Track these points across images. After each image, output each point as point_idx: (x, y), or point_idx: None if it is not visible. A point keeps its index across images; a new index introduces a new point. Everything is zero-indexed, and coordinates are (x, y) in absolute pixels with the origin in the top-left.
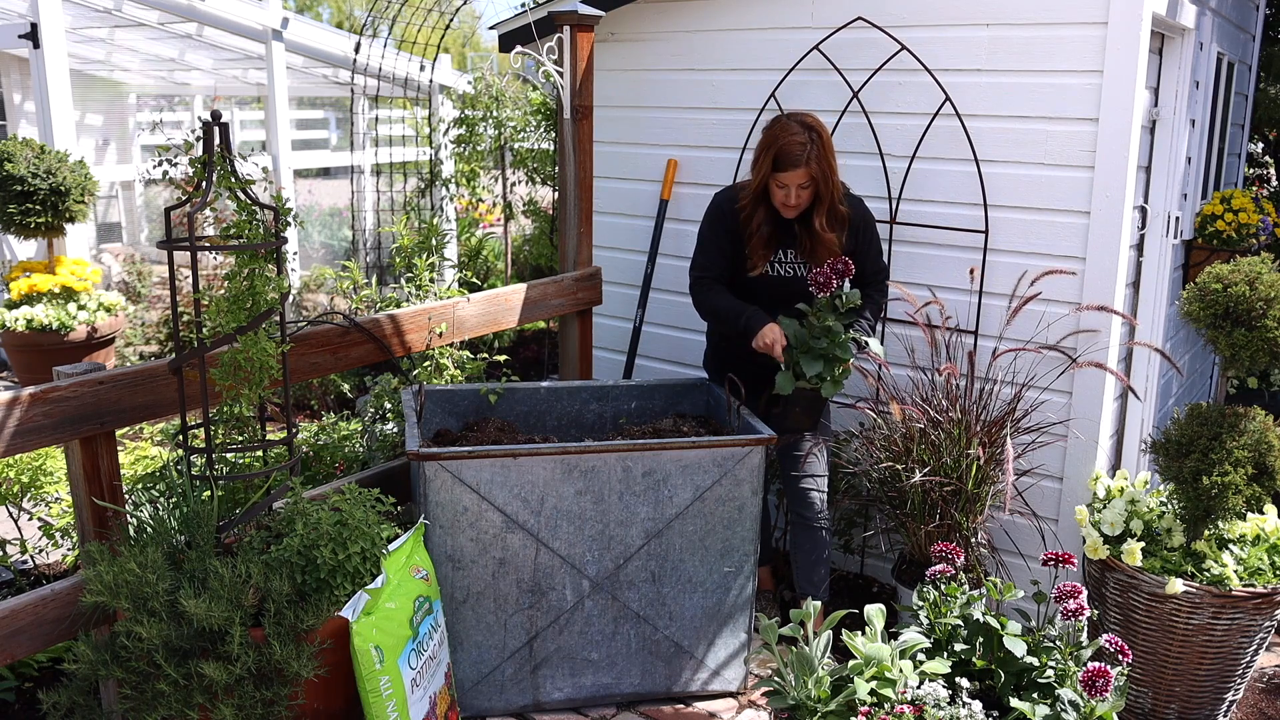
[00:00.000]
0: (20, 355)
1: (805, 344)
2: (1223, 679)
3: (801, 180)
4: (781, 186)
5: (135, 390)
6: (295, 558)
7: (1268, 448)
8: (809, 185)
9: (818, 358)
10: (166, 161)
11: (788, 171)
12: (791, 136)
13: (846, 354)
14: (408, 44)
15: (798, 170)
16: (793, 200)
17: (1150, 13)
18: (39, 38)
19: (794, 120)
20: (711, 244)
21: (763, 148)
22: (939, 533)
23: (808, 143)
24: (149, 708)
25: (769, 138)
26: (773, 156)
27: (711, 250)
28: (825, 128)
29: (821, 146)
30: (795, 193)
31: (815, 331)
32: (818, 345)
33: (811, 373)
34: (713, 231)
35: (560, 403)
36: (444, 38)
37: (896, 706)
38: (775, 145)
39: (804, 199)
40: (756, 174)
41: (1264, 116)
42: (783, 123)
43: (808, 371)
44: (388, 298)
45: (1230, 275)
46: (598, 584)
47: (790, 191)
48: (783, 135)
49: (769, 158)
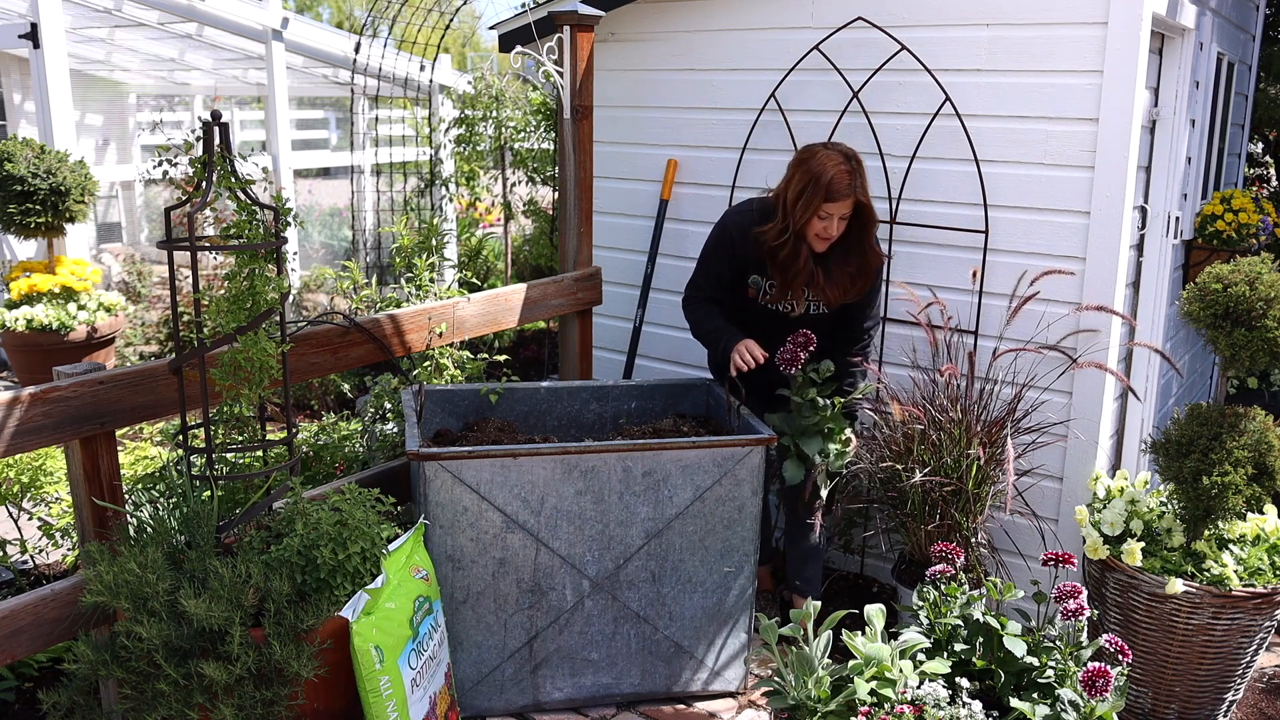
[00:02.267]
0: (20, 355)
1: (798, 426)
2: (1223, 679)
3: (846, 211)
4: (824, 218)
5: (135, 390)
6: (295, 558)
7: (1268, 448)
8: (849, 214)
9: (814, 435)
10: (166, 161)
11: (835, 203)
12: (838, 167)
13: (840, 423)
14: (408, 44)
15: (847, 200)
16: (834, 231)
17: (1150, 13)
18: (39, 38)
19: (834, 150)
20: (712, 265)
21: (807, 180)
22: (939, 533)
23: (852, 171)
24: (149, 708)
25: (812, 170)
26: (823, 190)
27: (710, 271)
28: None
29: (863, 174)
30: (837, 224)
31: (804, 410)
32: (809, 422)
33: (813, 451)
34: (716, 254)
35: (560, 403)
36: (444, 38)
37: (896, 706)
38: (823, 178)
39: (840, 230)
40: (802, 209)
41: (1264, 116)
42: (821, 152)
43: (809, 451)
44: (388, 298)
45: (1230, 275)
46: (598, 584)
47: (833, 222)
48: (830, 166)
49: (818, 192)
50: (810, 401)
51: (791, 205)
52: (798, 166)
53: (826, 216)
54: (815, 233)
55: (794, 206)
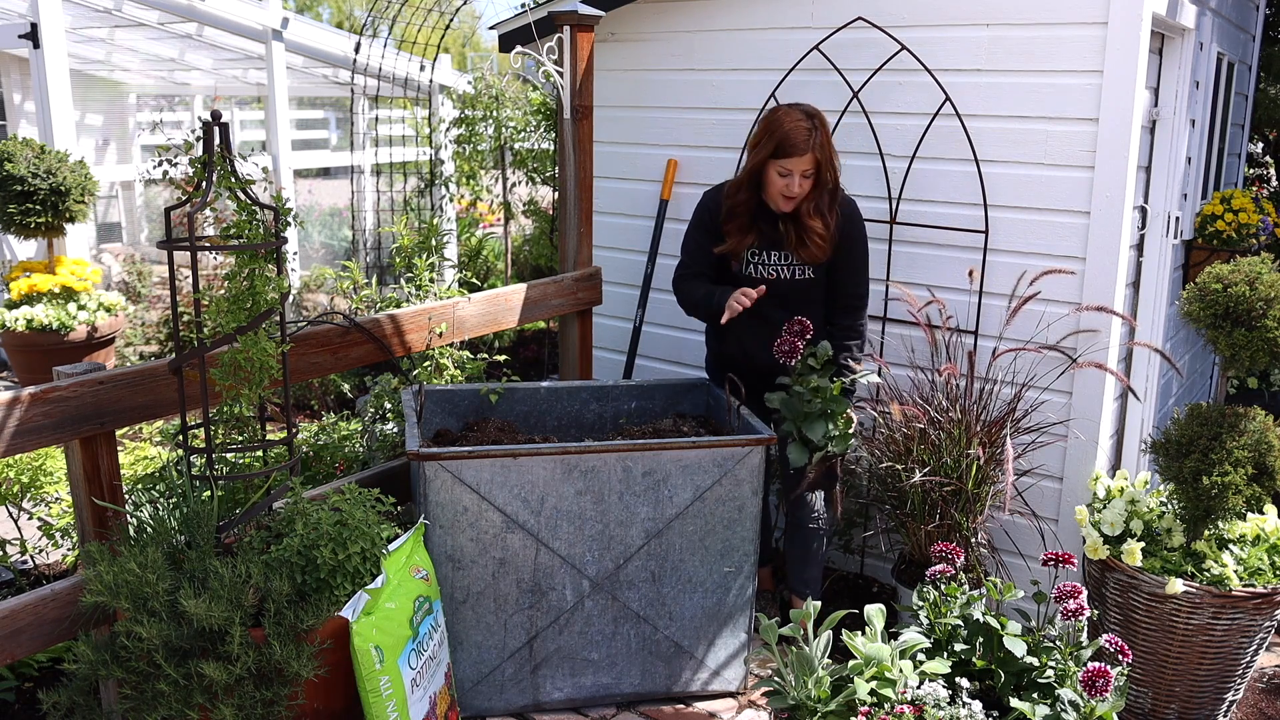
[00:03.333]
0: (20, 355)
1: (799, 411)
2: (1223, 679)
3: (806, 167)
4: (784, 174)
5: (135, 390)
6: (295, 558)
7: (1268, 448)
8: (811, 173)
9: (817, 419)
10: (166, 161)
11: (792, 158)
12: (795, 122)
13: (842, 404)
14: (408, 44)
15: (804, 156)
16: (795, 189)
17: (1150, 13)
18: (39, 38)
19: (795, 108)
20: (694, 241)
21: (763, 133)
22: (939, 533)
23: (811, 129)
24: (149, 708)
25: (770, 124)
26: (776, 142)
27: (694, 247)
28: (824, 116)
29: (824, 133)
30: (799, 181)
31: (805, 396)
32: (812, 408)
33: (817, 435)
34: (698, 230)
35: (560, 403)
36: (444, 38)
37: (896, 706)
38: (778, 131)
39: (805, 188)
40: (752, 158)
41: (1264, 116)
42: (783, 109)
43: (813, 436)
44: (388, 298)
45: (1230, 275)
46: (598, 584)
47: (794, 180)
48: (786, 121)
49: (770, 143)
50: (814, 388)
51: (749, 150)
52: (760, 122)
53: (786, 173)
54: (779, 190)
55: (750, 151)
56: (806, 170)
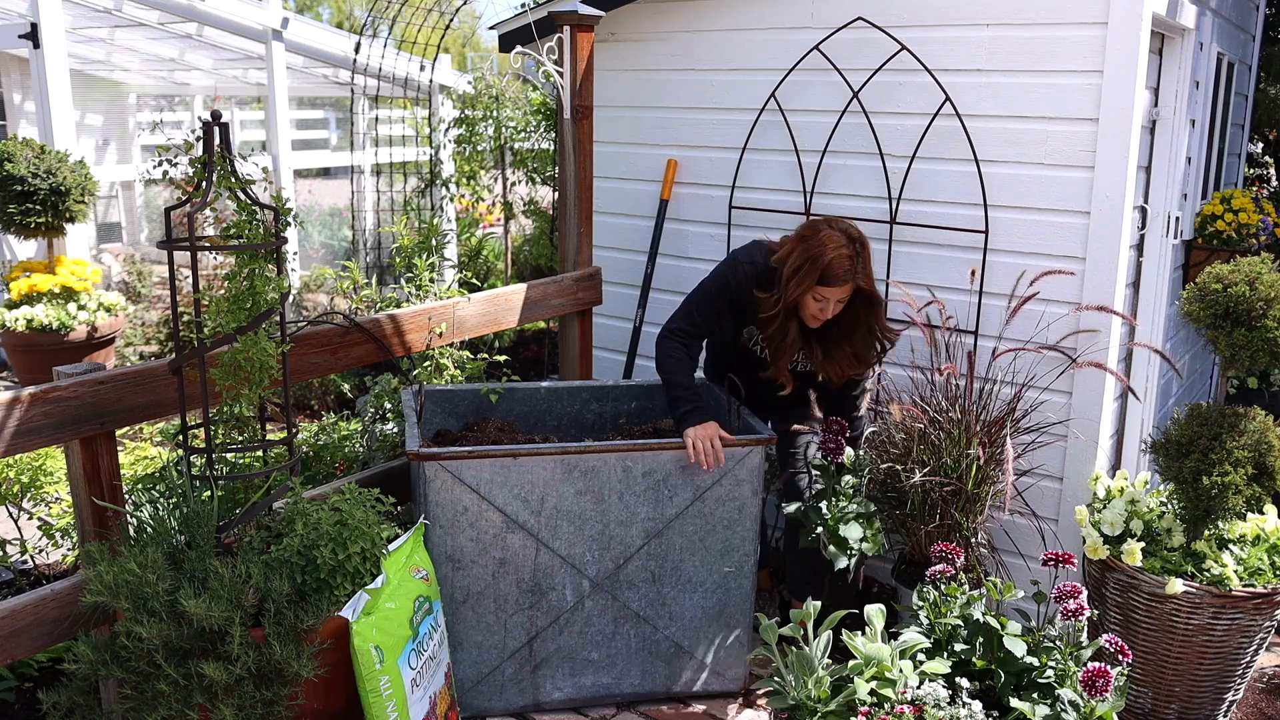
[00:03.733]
0: (20, 355)
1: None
2: (1223, 679)
3: (843, 295)
4: (819, 300)
5: (135, 390)
6: (295, 558)
7: (1268, 448)
8: (847, 298)
9: (852, 520)
10: (166, 161)
11: (833, 287)
12: (840, 250)
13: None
14: (408, 44)
15: (844, 286)
16: (829, 313)
17: (1150, 13)
18: (39, 38)
19: (836, 229)
20: (709, 307)
21: (805, 260)
22: (939, 533)
23: (855, 256)
24: (149, 708)
25: (813, 250)
26: (819, 272)
27: (708, 310)
28: (867, 239)
29: (865, 259)
30: (833, 306)
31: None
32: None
33: (854, 537)
34: (719, 296)
35: (560, 403)
36: (444, 38)
37: (896, 706)
38: (823, 261)
39: (837, 310)
40: (793, 290)
41: (1264, 116)
42: (826, 232)
43: (850, 538)
44: (388, 298)
45: (1230, 275)
46: (598, 584)
47: (829, 305)
48: (830, 249)
49: (814, 274)
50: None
51: (785, 281)
52: (799, 242)
53: (822, 299)
54: (810, 312)
55: (788, 283)
56: (843, 297)
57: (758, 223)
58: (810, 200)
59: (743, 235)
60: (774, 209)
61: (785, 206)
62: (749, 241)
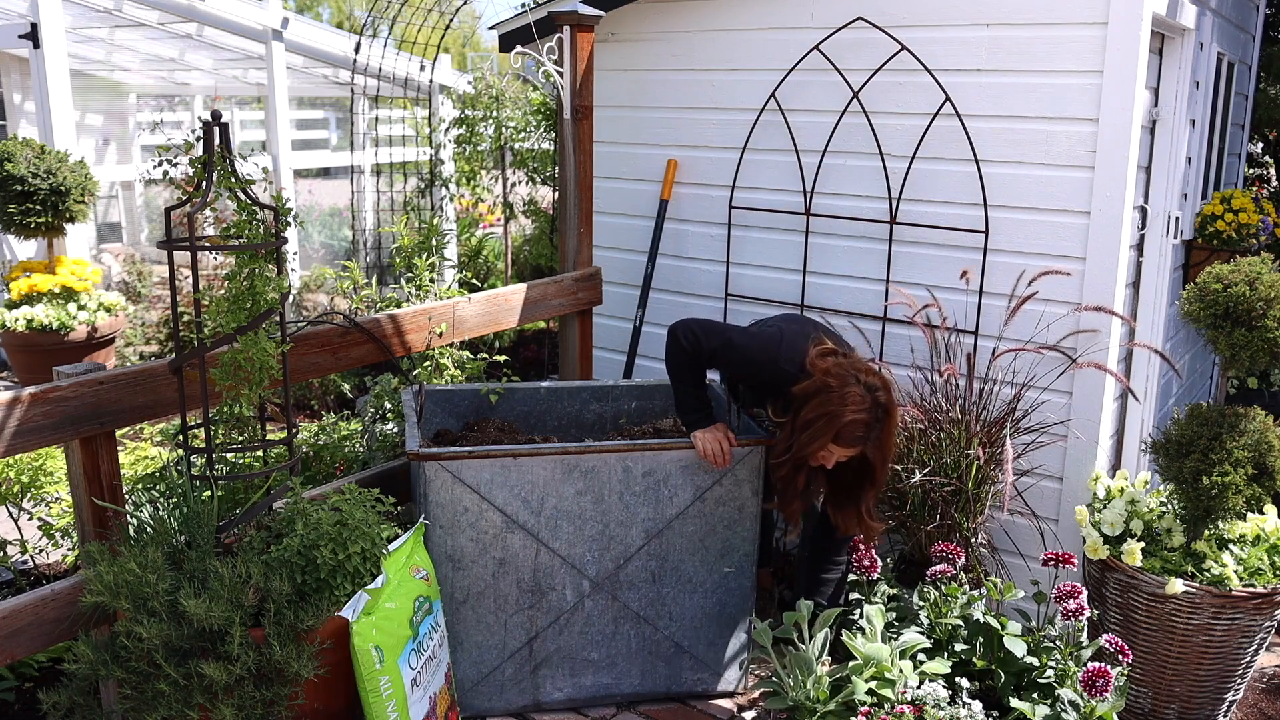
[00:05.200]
0: (20, 355)
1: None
2: (1223, 679)
3: (852, 454)
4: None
5: (135, 390)
6: (295, 558)
7: (1268, 448)
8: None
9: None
10: (166, 161)
11: (843, 447)
12: (858, 415)
13: None
14: (408, 44)
15: (853, 449)
16: (830, 464)
17: (1150, 13)
18: (39, 38)
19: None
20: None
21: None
22: (939, 533)
23: (872, 422)
24: (149, 708)
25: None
26: (834, 433)
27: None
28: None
29: (884, 429)
30: (836, 459)
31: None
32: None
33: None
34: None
35: (560, 403)
36: (444, 38)
37: (896, 706)
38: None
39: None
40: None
41: (1264, 116)
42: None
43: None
44: (388, 298)
45: (1230, 275)
46: (598, 584)
47: (831, 459)
48: (850, 411)
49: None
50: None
51: (799, 430)
52: (818, 393)
53: (829, 453)
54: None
55: (800, 432)
56: (851, 457)
57: (757, 223)
58: (810, 200)
59: (743, 235)
60: (774, 209)
61: (785, 206)
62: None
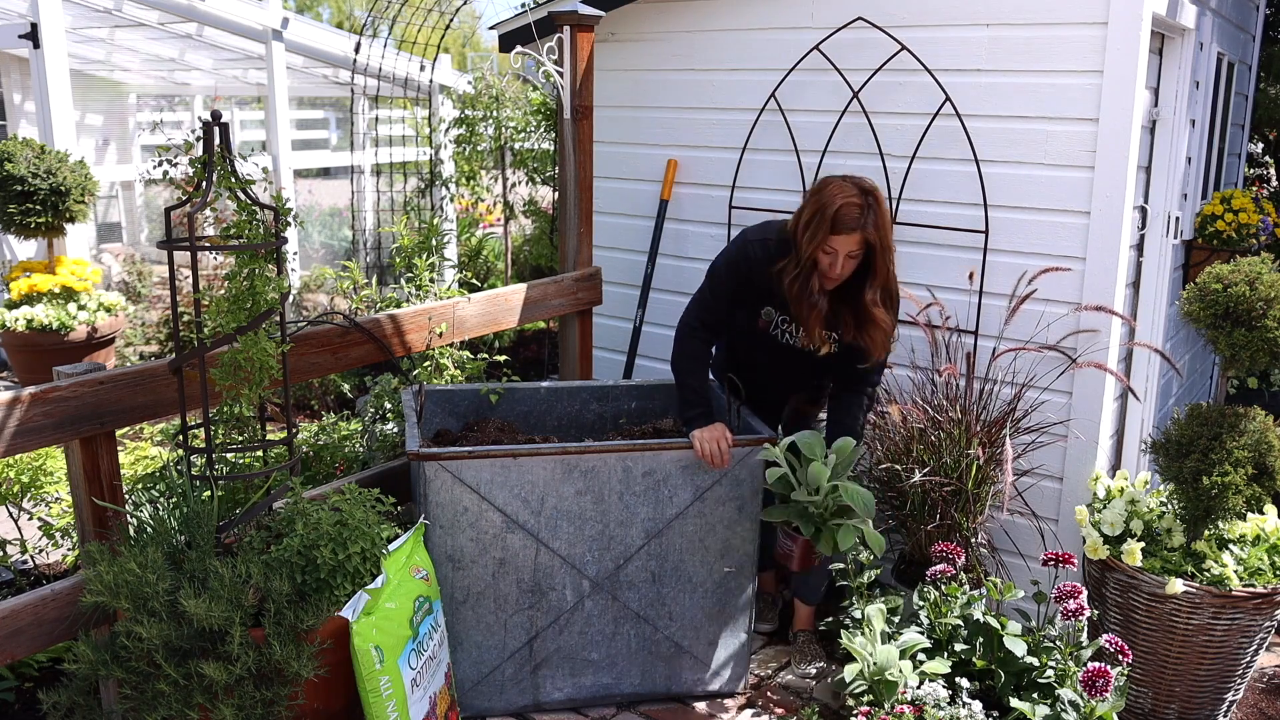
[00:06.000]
0: (20, 355)
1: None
2: (1223, 679)
3: (853, 248)
4: (828, 252)
5: (135, 390)
6: (295, 558)
7: (1268, 448)
8: (858, 254)
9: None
10: (166, 161)
11: (840, 235)
12: (849, 199)
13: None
14: (408, 44)
15: (852, 235)
16: (837, 270)
17: (1150, 13)
18: (39, 38)
19: (848, 182)
20: (722, 291)
21: (814, 212)
22: (939, 533)
23: (864, 206)
24: (149, 708)
25: (823, 200)
26: (830, 221)
27: (720, 297)
28: (881, 193)
29: (878, 212)
30: (842, 261)
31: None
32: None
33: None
34: (729, 277)
35: (560, 403)
36: (444, 38)
37: (896, 706)
38: (831, 208)
39: (848, 270)
40: (808, 242)
41: (1264, 116)
42: (835, 183)
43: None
44: (388, 298)
45: (1230, 275)
46: (598, 584)
47: (838, 259)
48: (838, 197)
49: (825, 223)
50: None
51: (800, 235)
52: (810, 196)
53: (831, 252)
54: (822, 270)
55: (802, 237)
56: (852, 251)
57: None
58: None
59: None
60: (774, 209)
61: (785, 206)
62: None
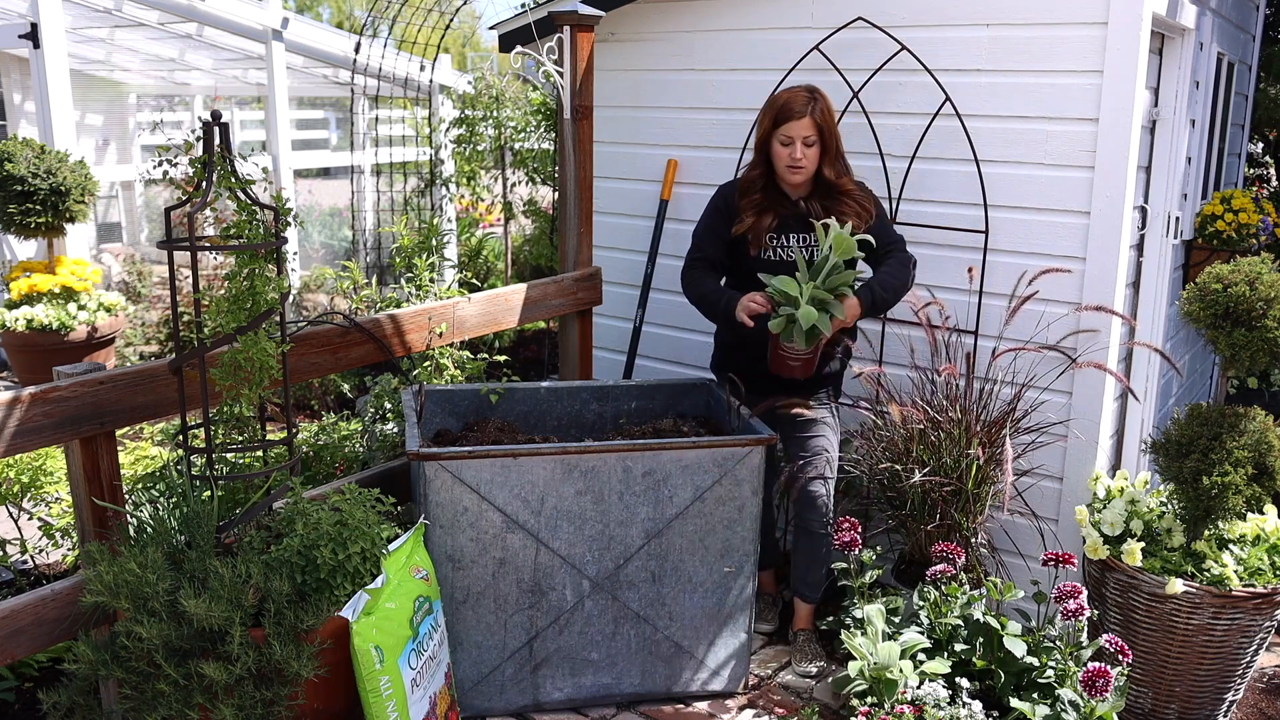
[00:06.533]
0: (20, 355)
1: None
2: (1223, 679)
3: (807, 133)
4: (787, 142)
5: (135, 390)
6: (295, 558)
7: (1268, 448)
8: (814, 141)
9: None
10: (166, 161)
11: (792, 122)
12: (794, 92)
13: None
14: (408, 44)
15: (802, 120)
16: (798, 154)
17: (1150, 13)
18: (39, 38)
19: (797, 85)
20: (708, 227)
21: (765, 110)
22: (939, 533)
23: (811, 98)
24: (149, 708)
25: (770, 100)
26: (776, 111)
27: (706, 232)
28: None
29: (824, 103)
30: (800, 147)
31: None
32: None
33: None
34: (713, 217)
35: (560, 403)
36: (444, 38)
37: (897, 706)
38: (777, 102)
39: (811, 157)
40: (758, 134)
41: (1264, 116)
42: (784, 88)
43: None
44: (388, 298)
45: (1230, 275)
46: (598, 584)
47: (796, 146)
48: (785, 93)
49: (771, 113)
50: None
51: (756, 132)
52: (763, 107)
53: (788, 141)
54: (785, 163)
55: (756, 128)
56: (808, 137)
57: None
58: None
59: None
60: None
61: None
62: None
